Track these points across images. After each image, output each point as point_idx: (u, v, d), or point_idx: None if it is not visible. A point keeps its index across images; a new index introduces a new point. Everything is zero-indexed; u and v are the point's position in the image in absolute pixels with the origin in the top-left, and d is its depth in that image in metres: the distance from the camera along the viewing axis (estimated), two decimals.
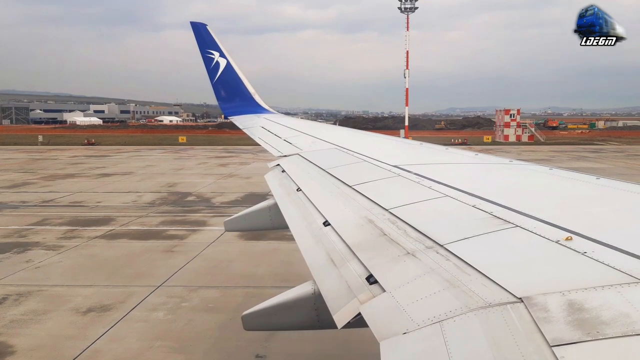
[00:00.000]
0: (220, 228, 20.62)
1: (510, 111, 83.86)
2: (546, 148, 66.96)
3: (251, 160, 50.79)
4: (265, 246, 18.17)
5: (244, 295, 13.42)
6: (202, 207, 25.87)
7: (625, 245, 2.73)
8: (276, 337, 10.64)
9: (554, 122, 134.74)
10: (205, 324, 11.49)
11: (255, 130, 13.85)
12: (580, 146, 71.23)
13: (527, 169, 6.18)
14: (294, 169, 7.54)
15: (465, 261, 2.87)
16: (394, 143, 10.15)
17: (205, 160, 50.92)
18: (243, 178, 37.09)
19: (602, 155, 56.59)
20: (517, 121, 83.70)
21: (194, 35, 17.05)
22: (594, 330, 1.93)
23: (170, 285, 14.18)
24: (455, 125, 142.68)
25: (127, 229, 21.03)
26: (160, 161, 50.37)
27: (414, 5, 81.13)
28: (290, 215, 5.37)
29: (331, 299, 3.14)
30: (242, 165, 46.16)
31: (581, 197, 4.43)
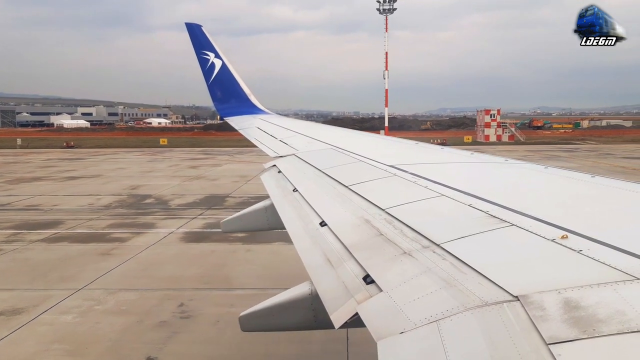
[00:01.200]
0: (166, 230, 20.94)
1: (490, 111, 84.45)
2: (522, 148, 67.27)
3: (225, 162, 50.97)
4: (203, 248, 18.28)
5: (160, 297, 13.34)
6: (157, 209, 25.80)
7: (621, 243, 2.74)
8: (174, 340, 10.79)
9: (538, 122, 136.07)
10: (110, 327, 11.47)
11: (251, 131, 13.84)
12: (558, 146, 71.65)
13: (522, 167, 6.19)
14: (290, 169, 7.54)
15: (461, 260, 2.88)
16: (390, 143, 10.16)
17: (178, 162, 50.91)
18: (210, 180, 37.09)
19: (575, 154, 56.76)
20: (498, 121, 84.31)
21: (189, 36, 17.02)
22: (590, 328, 1.94)
23: (92, 288, 14.09)
24: (441, 125, 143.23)
25: (72, 232, 20.86)
26: (133, 164, 50.16)
27: (392, 7, 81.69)
28: (286, 215, 5.37)
29: (328, 299, 3.15)
30: (213, 167, 46.21)
31: (576, 195, 4.44)
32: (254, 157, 55.43)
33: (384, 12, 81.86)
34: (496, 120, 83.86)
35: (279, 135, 11.70)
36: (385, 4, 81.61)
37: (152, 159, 54.74)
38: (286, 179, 6.96)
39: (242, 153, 61.09)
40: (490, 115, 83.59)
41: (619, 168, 40.66)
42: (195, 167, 46.69)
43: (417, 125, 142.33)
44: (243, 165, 47.34)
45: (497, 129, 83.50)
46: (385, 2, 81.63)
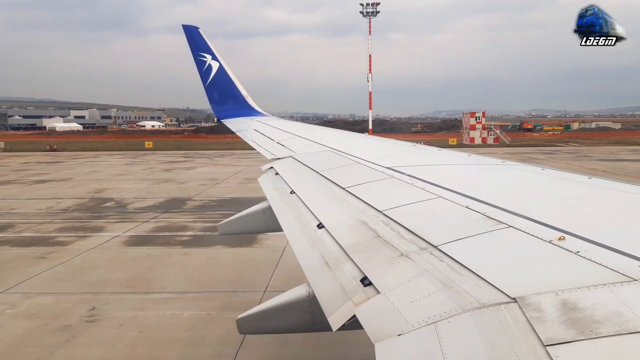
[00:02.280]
0: (111, 234, 20.90)
1: (475, 114, 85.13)
2: (503, 150, 67.68)
3: (201, 165, 51.22)
4: (140, 252, 18.31)
5: (75, 301, 13.30)
6: (113, 213, 25.82)
7: (618, 244, 2.75)
8: (70, 343, 10.81)
9: (529, 125, 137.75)
10: (12, 331, 11.45)
11: (248, 133, 13.84)
12: (541, 148, 72.28)
13: (519, 169, 6.21)
14: (288, 171, 7.54)
15: (459, 262, 2.88)
16: (388, 145, 10.18)
17: (155, 166, 50.95)
18: (178, 183, 37.18)
19: (553, 156, 57.03)
20: (483, 124, 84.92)
21: (186, 38, 17.03)
22: (588, 330, 1.94)
23: (11, 292, 14.04)
24: (432, 127, 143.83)
25: (18, 236, 20.84)
26: (108, 167, 50.25)
27: (375, 10, 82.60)
28: (284, 217, 5.37)
29: (326, 301, 3.14)
30: (187, 170, 46.33)
31: (573, 196, 4.46)
32: (234, 160, 56.11)
33: (367, 15, 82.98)
34: (481, 123, 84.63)
35: (276, 137, 11.70)
36: (369, 7, 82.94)
37: (129, 162, 54.90)
38: (283, 181, 6.96)
39: (223, 156, 61.74)
40: (475, 117, 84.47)
41: (590, 170, 40.87)
42: (169, 170, 46.84)
43: (408, 128, 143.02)
44: (218, 169, 47.63)
45: (482, 132, 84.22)
46: (369, 5, 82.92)
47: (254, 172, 44.85)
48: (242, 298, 13.57)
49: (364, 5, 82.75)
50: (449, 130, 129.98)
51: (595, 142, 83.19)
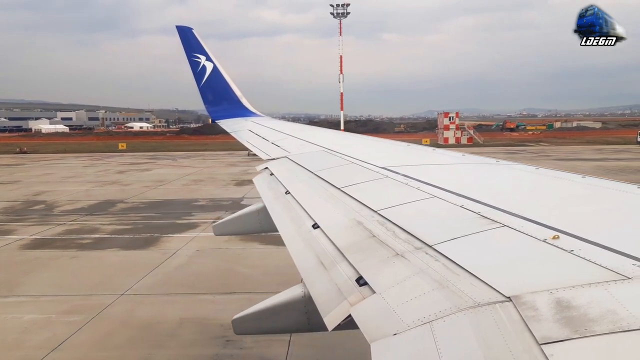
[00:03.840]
0: (17, 237, 21.10)
1: (449, 114, 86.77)
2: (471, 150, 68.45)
3: (160, 167, 51.80)
4: (32, 255, 18.66)
5: None
6: (35, 216, 26.02)
7: (612, 242, 2.76)
8: None
9: (511, 124, 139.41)
10: None
11: (243, 133, 13.82)
12: (510, 147, 73.52)
13: (513, 168, 6.22)
14: (283, 171, 7.54)
15: (454, 261, 2.89)
16: (382, 145, 10.18)
17: (112, 168, 51.28)
18: (122, 185, 37.48)
19: (514, 156, 57.74)
20: (456, 124, 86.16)
21: (180, 39, 17.00)
22: (582, 328, 1.95)
23: None
24: (415, 127, 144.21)
25: None
26: (66, 169, 50.42)
27: (345, 11, 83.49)
28: (279, 218, 5.37)
29: (321, 301, 3.14)
30: (141, 172, 46.71)
31: (567, 195, 4.47)
32: (198, 161, 56.81)
33: (337, 16, 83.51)
34: (455, 123, 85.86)
35: (271, 137, 11.69)
36: (339, 8, 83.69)
37: (90, 164, 55.25)
38: (278, 181, 6.96)
39: (189, 158, 62.54)
40: (449, 118, 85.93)
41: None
42: (123, 172, 47.13)
43: (392, 128, 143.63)
44: (174, 170, 48.10)
45: (456, 132, 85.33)
46: (339, 6, 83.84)
47: (207, 173, 45.20)
48: (94, 302, 13.87)
49: (334, 6, 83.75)
50: (432, 130, 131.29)
51: (568, 142, 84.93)
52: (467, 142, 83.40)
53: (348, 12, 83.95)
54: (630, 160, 52.84)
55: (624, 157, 57.62)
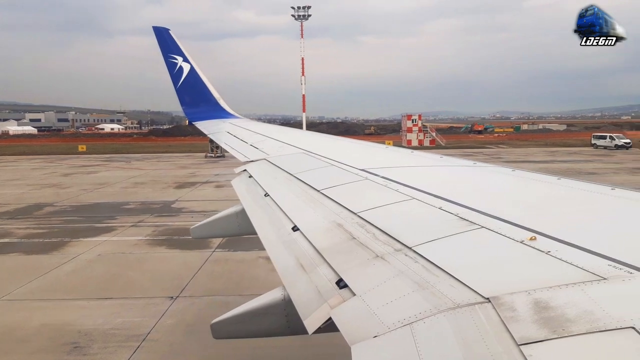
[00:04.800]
0: None
1: (412, 116, 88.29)
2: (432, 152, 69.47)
3: (109, 169, 51.57)
4: None
5: None
6: None
7: (588, 243, 2.81)
8: None
9: (479, 127, 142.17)
10: None
11: (221, 135, 13.74)
12: (469, 149, 75.11)
13: (490, 170, 6.30)
14: (261, 174, 7.50)
15: (433, 263, 2.90)
16: (361, 147, 10.22)
17: (60, 170, 50.82)
18: (60, 189, 37.17)
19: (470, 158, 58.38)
20: (419, 126, 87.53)
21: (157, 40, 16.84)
22: (560, 328, 1.97)
23: None
24: (386, 129, 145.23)
25: None
26: (12, 172, 49.78)
27: (307, 13, 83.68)
28: (258, 221, 5.33)
29: (301, 304, 3.13)
30: (87, 175, 46.49)
31: (543, 197, 4.53)
32: (151, 163, 56.68)
33: (298, 18, 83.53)
34: (417, 125, 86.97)
35: (250, 139, 11.64)
36: (300, 10, 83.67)
37: (40, 167, 54.54)
38: (257, 183, 6.92)
39: (145, 159, 62.52)
40: (412, 120, 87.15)
41: None
42: (68, 175, 46.73)
43: (362, 130, 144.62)
44: (121, 173, 48.00)
45: (419, 134, 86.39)
46: (300, 9, 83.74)
47: (153, 175, 44.92)
48: None
49: (295, 9, 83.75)
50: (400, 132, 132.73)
51: (527, 144, 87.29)
52: (430, 144, 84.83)
53: (309, 15, 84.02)
54: (575, 163, 54.01)
55: (573, 159, 58.96)
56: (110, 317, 13.08)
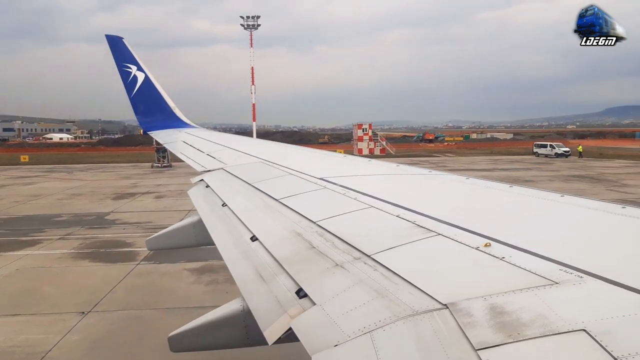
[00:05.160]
0: None
1: (362, 126, 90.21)
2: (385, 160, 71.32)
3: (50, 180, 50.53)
4: None
5: None
6: None
7: (540, 249, 2.89)
8: None
9: (430, 136, 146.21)
10: None
11: (177, 145, 13.54)
12: (418, 158, 77.28)
13: (445, 178, 6.42)
14: (219, 184, 7.42)
15: (392, 270, 2.93)
16: (320, 156, 10.25)
17: None
18: None
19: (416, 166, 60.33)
20: (369, 135, 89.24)
21: (110, 48, 16.51)
22: (515, 332, 2.02)
23: None
24: (340, 139, 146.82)
25: None
26: None
27: (256, 23, 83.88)
28: (215, 231, 5.27)
29: (261, 315, 3.10)
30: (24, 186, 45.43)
31: (497, 204, 4.65)
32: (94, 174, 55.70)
33: (248, 27, 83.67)
34: (368, 135, 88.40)
35: (207, 149, 11.51)
36: (249, 20, 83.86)
37: None
38: (214, 193, 6.84)
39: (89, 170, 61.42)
40: (363, 129, 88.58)
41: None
42: (4, 186, 45.66)
43: (317, 139, 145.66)
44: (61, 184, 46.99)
45: (370, 143, 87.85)
46: (249, 18, 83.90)
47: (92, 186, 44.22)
48: None
49: (244, 18, 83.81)
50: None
51: (474, 153, 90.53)
52: (380, 153, 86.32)
53: (259, 24, 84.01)
54: (515, 171, 55.76)
55: (513, 167, 60.88)
56: (14, 334, 12.63)
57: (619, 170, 54.96)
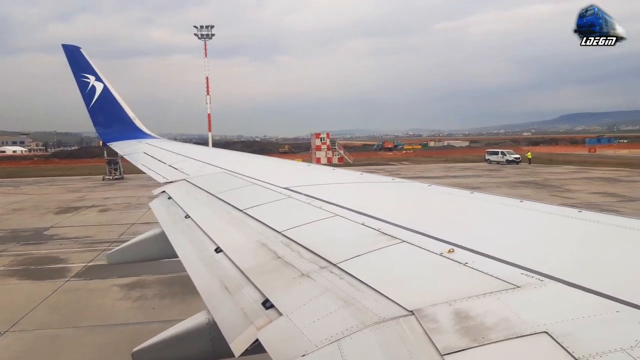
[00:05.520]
0: None
1: (320, 135, 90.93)
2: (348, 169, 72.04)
3: None
4: None
5: None
6: None
7: (502, 254, 2.96)
8: None
9: (389, 144, 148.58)
10: None
11: (137, 156, 13.30)
12: (374, 167, 77.69)
13: (408, 186, 6.50)
14: (182, 195, 7.32)
15: (358, 279, 2.94)
16: (283, 165, 10.24)
17: None
18: None
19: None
20: (327, 144, 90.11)
21: (67, 58, 16.13)
22: (480, 336, 2.06)
23: None
24: (300, 148, 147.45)
25: None
26: None
27: (210, 32, 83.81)
28: (178, 243, 5.18)
29: (227, 327, 3.07)
30: None
31: (459, 211, 4.74)
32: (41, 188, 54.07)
33: (202, 37, 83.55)
34: (326, 144, 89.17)
35: (168, 160, 11.35)
36: (203, 29, 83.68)
37: None
38: (177, 205, 6.74)
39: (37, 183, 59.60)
40: (320, 138, 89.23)
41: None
42: None
43: (277, 148, 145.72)
44: (3, 198, 45.46)
45: (328, 152, 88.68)
46: (203, 28, 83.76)
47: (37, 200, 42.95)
48: None
49: (198, 27, 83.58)
50: None
51: (429, 160, 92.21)
52: (339, 162, 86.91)
53: (213, 34, 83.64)
54: (465, 178, 56.57)
55: (464, 174, 61.84)
56: None
57: (564, 176, 56.52)
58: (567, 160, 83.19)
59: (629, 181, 50.05)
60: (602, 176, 55.38)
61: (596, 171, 62.29)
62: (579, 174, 58.78)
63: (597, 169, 65.12)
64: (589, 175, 56.67)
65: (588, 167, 69.65)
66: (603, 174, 58.40)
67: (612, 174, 58.08)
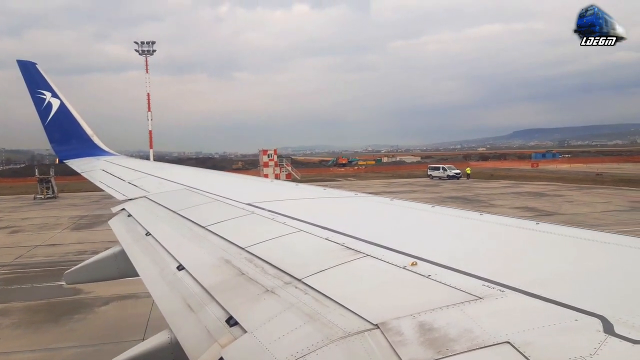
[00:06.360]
0: None
1: (267, 151, 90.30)
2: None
3: None
4: None
5: None
6: None
7: (463, 266, 3.01)
8: None
9: (343, 160, 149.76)
10: None
11: (95, 173, 13.02)
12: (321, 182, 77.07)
13: (371, 200, 6.55)
14: (142, 212, 7.18)
15: (323, 293, 2.94)
16: (245, 181, 10.18)
17: None
18: None
19: None
20: (275, 160, 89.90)
21: (22, 74, 15.74)
22: (444, 348, 2.08)
23: None
24: (254, 164, 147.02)
25: None
26: None
27: (151, 48, 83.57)
28: (139, 261, 5.08)
29: (189, 346, 3.01)
30: None
31: (421, 224, 4.80)
32: None
33: (143, 53, 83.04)
34: (274, 160, 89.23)
35: (127, 177, 11.14)
36: (144, 45, 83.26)
37: None
38: (137, 222, 6.61)
39: None
40: (268, 155, 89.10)
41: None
42: None
43: (230, 164, 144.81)
44: None
45: (275, 168, 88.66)
46: (144, 44, 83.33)
47: None
48: None
49: (139, 43, 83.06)
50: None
51: (374, 176, 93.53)
52: (287, 178, 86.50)
53: (154, 50, 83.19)
54: (400, 193, 56.79)
55: (401, 190, 62.40)
56: None
57: (496, 191, 57.63)
58: (508, 175, 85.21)
59: (553, 195, 51.51)
60: (532, 191, 56.88)
61: (529, 186, 63.84)
62: (511, 189, 60.05)
63: (530, 184, 66.79)
64: (519, 190, 58.02)
65: (524, 181, 71.37)
66: (533, 188, 59.93)
67: (542, 188, 59.71)
